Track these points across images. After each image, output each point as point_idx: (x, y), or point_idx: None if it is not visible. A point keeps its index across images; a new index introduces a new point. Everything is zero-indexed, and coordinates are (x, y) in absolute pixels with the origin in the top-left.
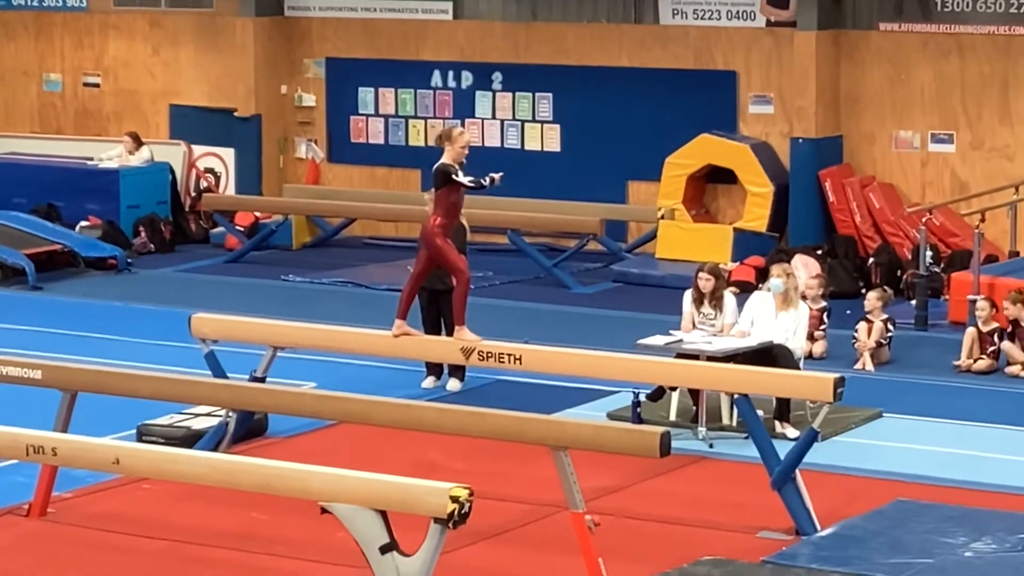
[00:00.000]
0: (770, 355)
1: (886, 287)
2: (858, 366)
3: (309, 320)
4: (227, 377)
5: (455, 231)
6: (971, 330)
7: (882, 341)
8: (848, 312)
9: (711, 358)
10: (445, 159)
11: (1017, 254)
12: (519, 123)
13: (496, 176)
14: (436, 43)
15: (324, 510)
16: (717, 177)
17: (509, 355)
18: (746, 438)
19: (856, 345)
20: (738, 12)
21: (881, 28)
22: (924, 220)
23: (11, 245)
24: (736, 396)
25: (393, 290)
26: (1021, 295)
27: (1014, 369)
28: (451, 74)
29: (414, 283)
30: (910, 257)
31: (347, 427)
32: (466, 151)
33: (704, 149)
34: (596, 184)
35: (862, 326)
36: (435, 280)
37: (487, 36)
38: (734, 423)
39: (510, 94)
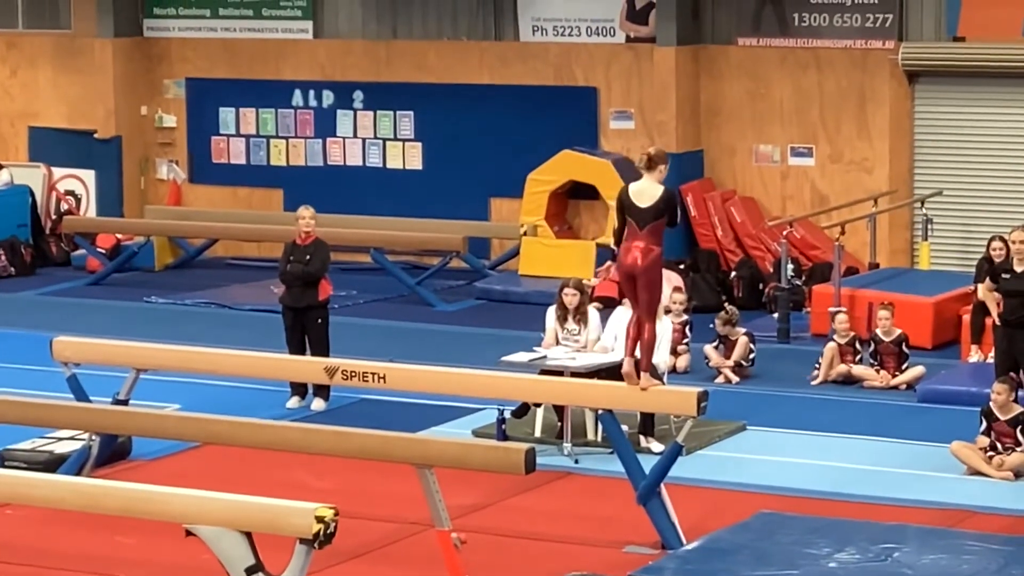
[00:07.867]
0: None
1: (727, 307)
2: (719, 380)
3: (172, 342)
4: (90, 400)
5: (318, 249)
6: (831, 345)
7: (743, 363)
8: (711, 326)
9: (575, 374)
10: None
11: (877, 266)
12: (380, 141)
13: None
14: (296, 62)
15: (189, 532)
16: (579, 193)
17: (373, 374)
18: (611, 453)
19: (711, 364)
20: (598, 28)
21: (740, 43)
22: (785, 233)
23: None
24: (600, 411)
25: (256, 311)
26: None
27: (871, 383)
28: (312, 93)
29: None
30: (772, 270)
31: (212, 448)
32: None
33: (566, 165)
34: (458, 201)
35: (710, 349)
36: (300, 298)
37: (348, 54)
38: (599, 438)
39: (371, 112)
